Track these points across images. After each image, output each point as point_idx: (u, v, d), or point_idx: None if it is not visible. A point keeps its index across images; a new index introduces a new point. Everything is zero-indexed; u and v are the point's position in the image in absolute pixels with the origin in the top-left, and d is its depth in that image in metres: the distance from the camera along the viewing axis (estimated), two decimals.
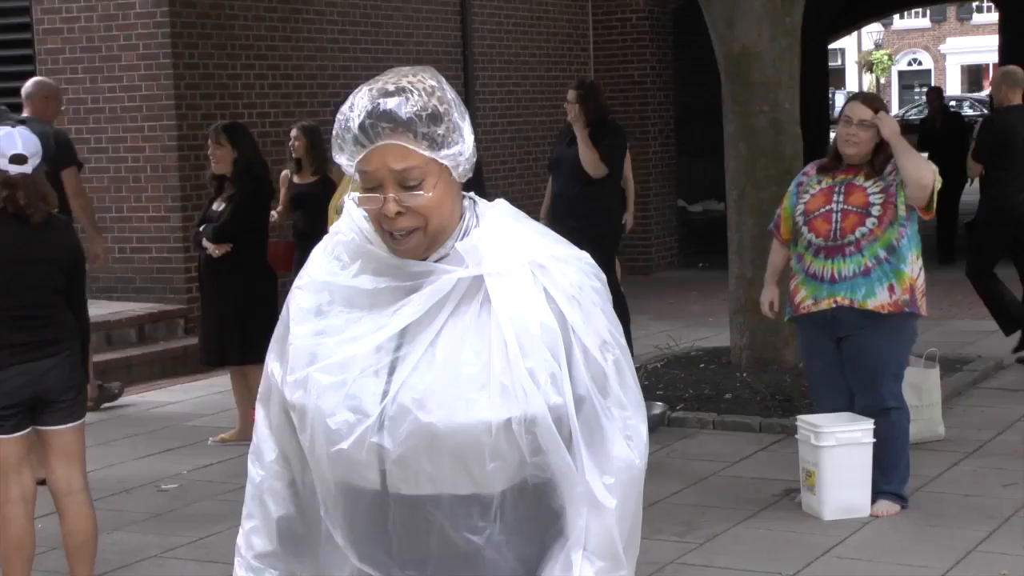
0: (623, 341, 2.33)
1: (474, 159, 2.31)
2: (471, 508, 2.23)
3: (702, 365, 9.66)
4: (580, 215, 9.84)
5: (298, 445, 2.36)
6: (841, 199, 6.40)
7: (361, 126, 2.22)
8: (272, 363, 2.41)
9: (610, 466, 2.26)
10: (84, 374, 5.47)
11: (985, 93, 40.56)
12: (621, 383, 2.30)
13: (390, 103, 2.22)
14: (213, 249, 8.00)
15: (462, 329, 2.24)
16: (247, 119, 11.17)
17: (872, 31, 59.75)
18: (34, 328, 5.21)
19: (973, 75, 60.70)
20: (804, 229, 6.50)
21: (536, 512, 2.27)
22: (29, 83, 9.07)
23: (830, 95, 29.33)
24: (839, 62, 58.82)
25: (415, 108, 2.22)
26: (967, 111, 39.11)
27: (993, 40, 24.73)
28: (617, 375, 2.29)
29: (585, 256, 2.34)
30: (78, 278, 5.47)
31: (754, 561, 5.95)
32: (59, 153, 8.82)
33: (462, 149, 2.28)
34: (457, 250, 2.26)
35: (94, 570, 5.52)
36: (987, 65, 52.52)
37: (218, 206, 8.12)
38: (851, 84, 60.14)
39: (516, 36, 15.09)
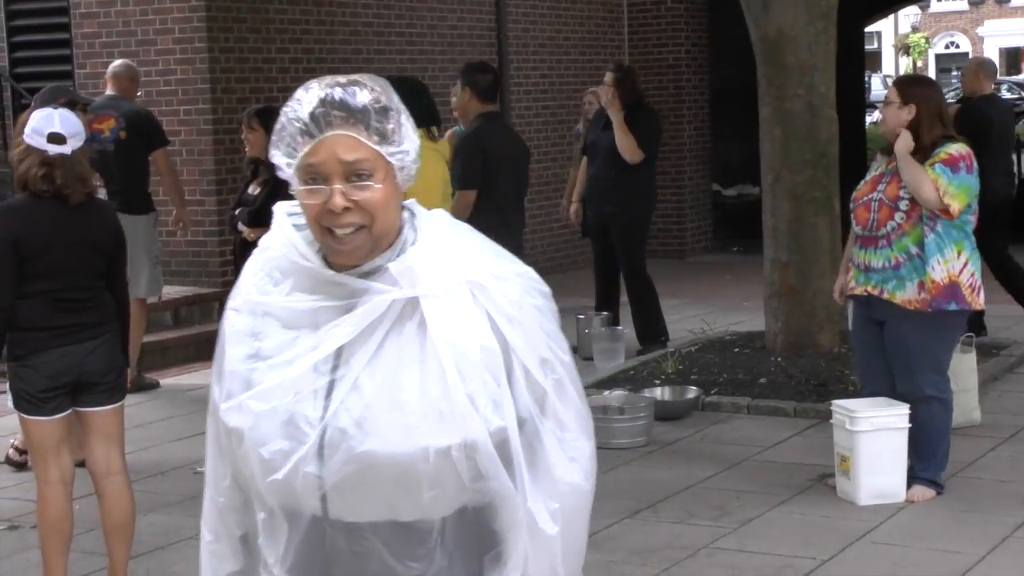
0: (567, 358, 2.26)
1: (416, 167, 2.24)
2: (411, 536, 2.17)
3: (736, 349, 9.65)
4: (615, 200, 9.89)
5: (235, 465, 2.32)
6: (883, 188, 6.38)
7: (312, 115, 2.17)
8: (215, 385, 2.33)
9: (555, 490, 2.21)
10: (124, 357, 5.52)
11: None
12: (564, 403, 2.23)
13: (343, 93, 2.18)
14: (248, 232, 8.02)
15: (399, 351, 2.16)
16: (282, 103, 11.17)
17: (909, 14, 59.41)
18: (75, 311, 5.25)
19: (1011, 58, 60.24)
20: (852, 216, 6.50)
21: (477, 536, 2.21)
22: (117, 63, 9.68)
23: (866, 78, 29.16)
24: (875, 45, 58.51)
25: (368, 99, 2.18)
26: (1005, 94, 38.98)
27: None
28: (559, 394, 2.23)
29: (527, 271, 2.26)
30: (119, 261, 5.51)
31: (788, 546, 5.96)
32: (151, 133, 9.22)
33: (409, 150, 2.22)
34: (390, 272, 2.17)
35: (131, 551, 5.57)
36: None
37: (253, 190, 8.12)
38: (887, 67, 59.81)
39: (550, 19, 15.07)
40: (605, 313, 10.23)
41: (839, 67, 9.67)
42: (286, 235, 2.25)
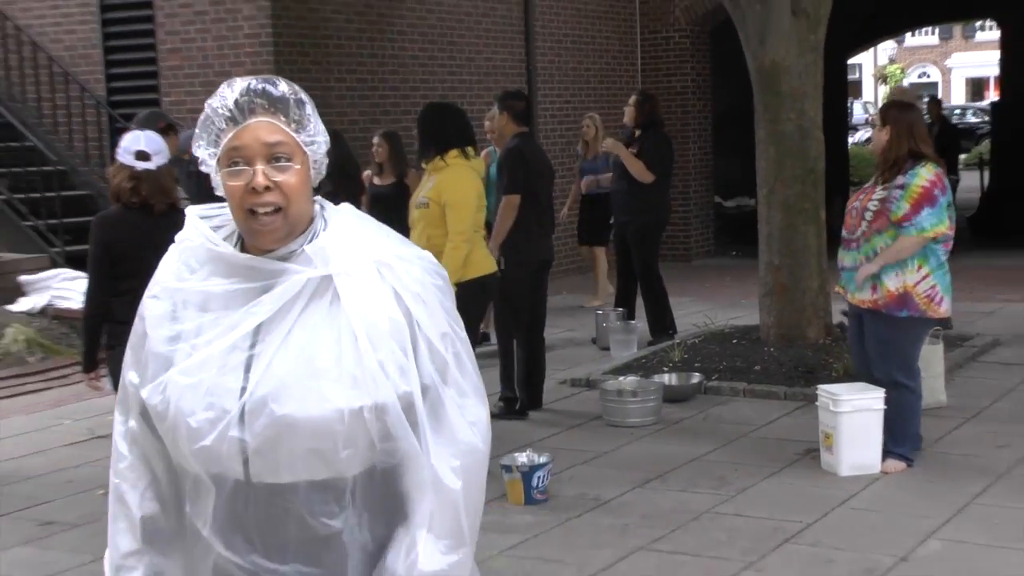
0: (463, 334, 2.20)
1: (325, 163, 2.20)
2: (327, 494, 2.09)
3: (735, 341, 9.65)
4: (628, 210, 9.96)
5: (159, 446, 2.21)
6: (863, 197, 6.39)
7: (236, 102, 2.11)
8: (128, 371, 2.24)
9: (456, 450, 2.14)
10: None
11: (987, 103, 40.25)
12: (462, 372, 2.17)
13: (265, 84, 2.14)
14: None
15: (313, 325, 2.09)
16: (339, 126, 11.26)
17: (887, 47, 59.03)
18: None
19: (976, 86, 59.87)
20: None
21: (385, 496, 2.14)
22: None
23: (848, 104, 29.11)
24: (857, 75, 58.12)
25: (286, 91, 2.15)
26: (970, 118, 39.01)
27: (994, 55, 24.41)
28: (458, 365, 2.16)
29: (427, 255, 2.21)
30: None
31: (779, 511, 5.97)
32: None
33: (320, 143, 2.17)
34: (306, 252, 2.11)
35: None
36: (988, 78, 51.88)
37: None
38: (867, 94, 59.47)
39: (573, 52, 15.08)
40: (620, 309, 10.27)
41: (825, 94, 9.68)
42: (200, 230, 2.18)
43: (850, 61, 26.20)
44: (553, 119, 14.73)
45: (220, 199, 2.17)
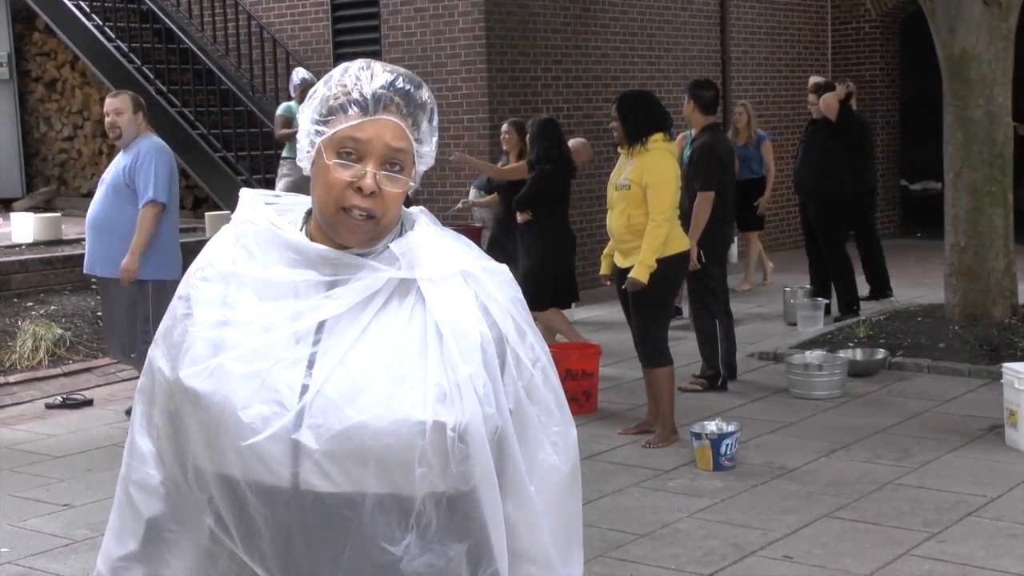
0: (547, 349, 1.90)
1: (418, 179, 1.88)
2: (390, 515, 1.73)
3: (919, 319, 9.32)
4: (809, 191, 9.78)
5: (177, 445, 1.84)
6: None
7: (375, 93, 1.78)
8: (159, 359, 1.85)
9: (535, 474, 1.84)
10: None
11: None
12: (548, 391, 1.88)
13: (409, 85, 1.81)
14: (520, 216, 8.21)
15: (393, 329, 1.77)
16: (545, 113, 11.28)
17: None
18: None
19: None
20: None
21: (452, 526, 1.78)
22: None
23: None
24: None
25: (426, 99, 1.82)
26: None
27: None
28: (544, 384, 1.87)
29: (504, 268, 1.90)
30: None
31: (962, 484, 5.72)
32: None
33: (427, 158, 1.86)
34: (392, 250, 1.80)
35: None
36: None
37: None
38: None
39: (766, 43, 14.76)
40: (807, 286, 10.05)
41: (1016, 81, 9.25)
42: (263, 214, 1.85)
43: None
44: None
45: None
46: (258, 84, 12.73)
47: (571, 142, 8.74)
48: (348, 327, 1.76)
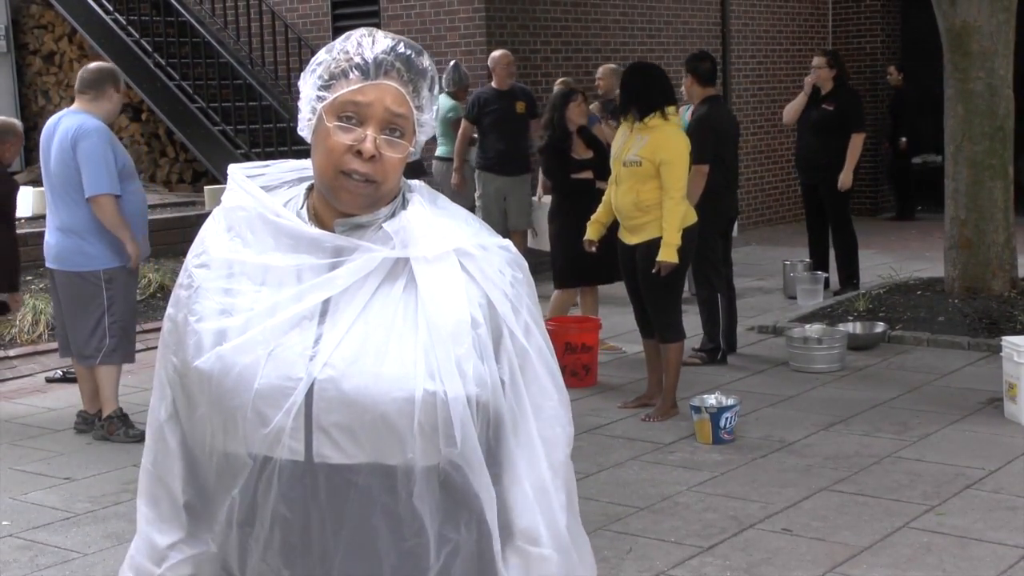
0: (544, 327, 1.88)
1: (419, 148, 1.87)
2: (390, 483, 1.75)
3: (919, 292, 9.30)
4: (821, 166, 9.67)
5: (195, 429, 1.85)
6: None
7: (376, 57, 1.78)
8: (168, 351, 1.87)
9: (533, 453, 1.83)
10: None
11: None
12: (545, 369, 1.85)
13: (410, 51, 1.81)
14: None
15: (390, 308, 1.77)
16: (544, 86, 11.24)
17: None
18: None
19: None
20: None
21: (448, 499, 1.78)
22: (495, 53, 9.99)
23: None
24: None
25: (426, 67, 1.82)
26: None
27: None
28: (540, 362, 1.84)
29: (508, 245, 1.88)
30: None
31: (961, 458, 5.73)
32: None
33: (427, 127, 1.85)
34: (385, 229, 1.80)
35: None
36: None
37: None
38: None
39: (766, 16, 14.69)
40: (807, 260, 10.02)
41: (1018, 53, 9.21)
42: (256, 196, 1.84)
43: None
44: (746, 79, 14.41)
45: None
46: (257, 57, 12.68)
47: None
48: (351, 305, 1.77)
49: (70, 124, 6.29)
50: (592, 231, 6.74)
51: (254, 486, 1.77)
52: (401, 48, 1.80)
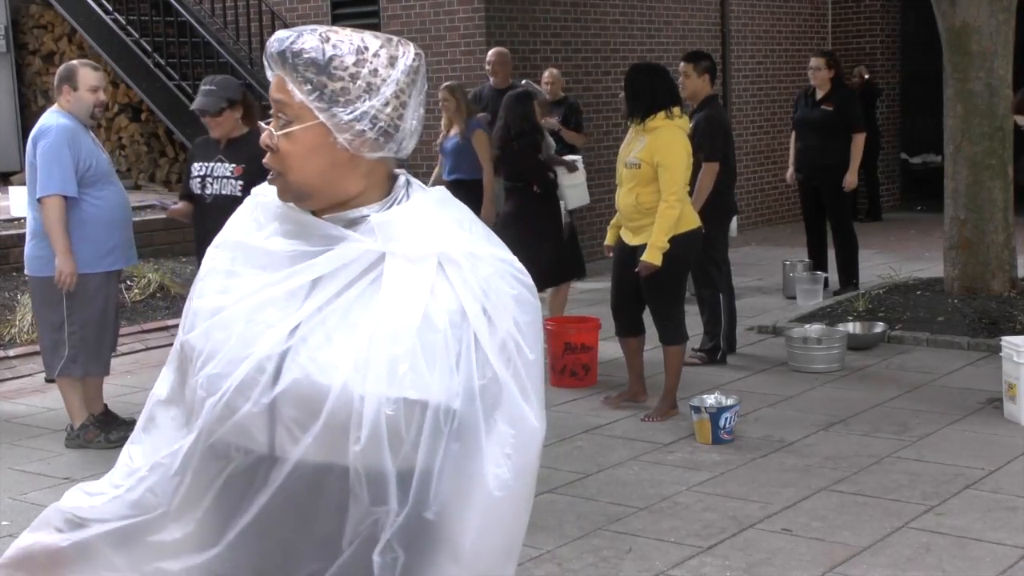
0: (531, 356, 1.78)
1: (373, 138, 1.76)
2: (342, 485, 1.72)
3: (919, 292, 9.31)
4: (822, 167, 9.66)
5: (188, 405, 1.88)
6: None
7: (266, 52, 1.80)
8: (182, 325, 1.91)
9: (471, 486, 1.72)
10: None
11: None
12: (520, 395, 1.75)
13: (287, 40, 1.76)
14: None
15: (363, 302, 1.74)
16: (544, 87, 11.22)
17: None
18: None
19: None
20: None
21: (399, 504, 1.72)
22: (493, 51, 9.92)
23: None
24: None
25: (309, 52, 1.74)
26: None
27: None
28: (515, 383, 1.75)
29: (511, 259, 1.81)
30: None
31: (960, 458, 5.73)
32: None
33: (353, 118, 1.75)
34: (371, 222, 1.77)
35: None
36: None
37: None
38: None
39: (765, 15, 14.69)
40: (806, 260, 10.02)
41: (1017, 53, 9.21)
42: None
43: None
44: (745, 79, 14.40)
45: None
46: (256, 57, 12.67)
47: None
48: (325, 295, 1.77)
49: (40, 123, 6.07)
50: (611, 236, 6.76)
51: (215, 476, 1.79)
52: (278, 36, 1.79)
